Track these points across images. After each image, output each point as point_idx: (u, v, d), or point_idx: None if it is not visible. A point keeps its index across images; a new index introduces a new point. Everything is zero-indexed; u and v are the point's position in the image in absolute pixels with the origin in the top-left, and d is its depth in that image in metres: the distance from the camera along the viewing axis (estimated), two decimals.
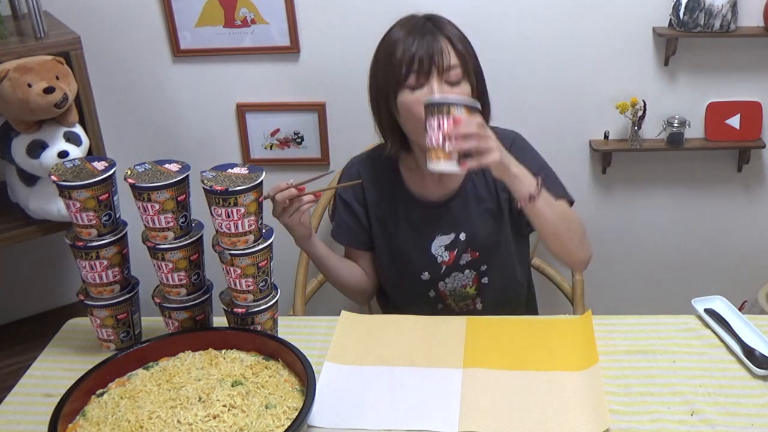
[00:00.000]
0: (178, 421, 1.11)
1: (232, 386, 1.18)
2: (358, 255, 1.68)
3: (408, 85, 1.40)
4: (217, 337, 1.31)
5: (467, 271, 1.61)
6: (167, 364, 1.27)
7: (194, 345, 1.30)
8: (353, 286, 1.66)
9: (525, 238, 1.69)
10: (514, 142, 1.55)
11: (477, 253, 1.59)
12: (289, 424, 1.08)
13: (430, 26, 1.41)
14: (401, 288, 1.66)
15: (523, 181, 1.35)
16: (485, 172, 1.53)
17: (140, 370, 1.26)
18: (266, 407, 1.14)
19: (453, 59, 1.39)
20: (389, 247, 1.62)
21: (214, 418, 1.11)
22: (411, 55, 1.38)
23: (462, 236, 1.58)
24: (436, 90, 1.38)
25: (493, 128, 1.57)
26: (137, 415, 1.13)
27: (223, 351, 1.29)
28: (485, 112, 1.51)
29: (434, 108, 1.27)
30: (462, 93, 1.40)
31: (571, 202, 1.55)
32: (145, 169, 1.28)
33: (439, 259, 1.60)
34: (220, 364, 1.25)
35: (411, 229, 1.59)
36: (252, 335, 1.30)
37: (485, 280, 1.62)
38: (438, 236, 1.58)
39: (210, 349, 1.30)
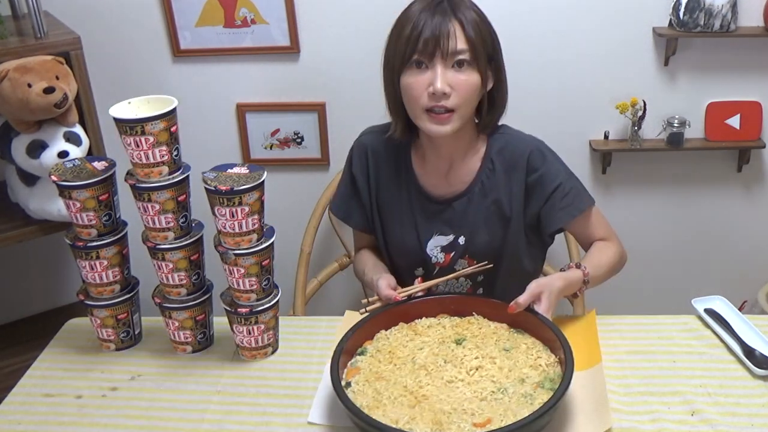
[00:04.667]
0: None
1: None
2: (365, 237, 1.61)
3: (412, 65, 1.34)
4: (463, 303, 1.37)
5: (462, 278, 1.52)
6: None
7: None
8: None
9: (539, 257, 1.59)
10: (531, 154, 1.45)
11: (474, 261, 1.49)
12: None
13: (444, 6, 1.33)
14: (396, 275, 1.52)
15: (572, 286, 1.37)
16: (499, 174, 1.46)
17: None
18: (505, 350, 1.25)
19: (461, 44, 1.32)
20: (385, 235, 1.55)
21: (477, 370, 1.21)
22: (417, 34, 1.31)
23: (461, 240, 1.49)
24: (439, 77, 1.31)
25: (509, 136, 1.50)
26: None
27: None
28: (501, 105, 1.44)
29: None
30: (468, 81, 1.33)
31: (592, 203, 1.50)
32: None
33: (434, 260, 1.51)
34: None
35: (408, 223, 1.51)
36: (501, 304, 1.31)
37: (480, 291, 1.53)
38: (435, 236, 1.50)
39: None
